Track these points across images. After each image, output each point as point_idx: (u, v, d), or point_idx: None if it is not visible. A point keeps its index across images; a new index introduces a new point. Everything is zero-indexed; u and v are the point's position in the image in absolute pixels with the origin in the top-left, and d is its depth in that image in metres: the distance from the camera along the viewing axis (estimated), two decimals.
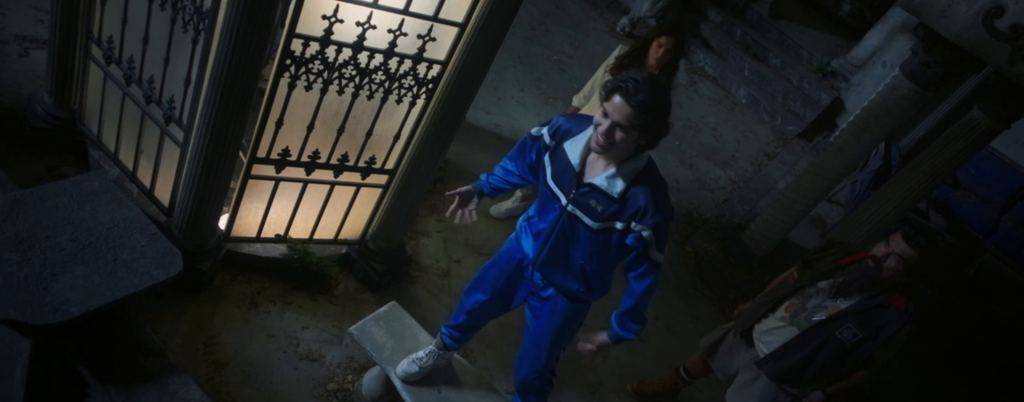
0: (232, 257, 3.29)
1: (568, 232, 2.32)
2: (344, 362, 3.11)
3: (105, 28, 2.96)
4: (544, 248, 2.39)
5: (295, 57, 2.64)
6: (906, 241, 2.70)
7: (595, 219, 2.22)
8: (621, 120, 2.05)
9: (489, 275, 2.61)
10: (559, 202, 2.29)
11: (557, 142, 2.29)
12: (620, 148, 2.12)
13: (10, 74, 3.44)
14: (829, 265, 2.97)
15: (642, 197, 2.16)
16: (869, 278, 2.78)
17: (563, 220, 2.30)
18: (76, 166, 3.28)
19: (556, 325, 2.53)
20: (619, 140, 2.07)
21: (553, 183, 2.29)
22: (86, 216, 1.96)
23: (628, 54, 3.77)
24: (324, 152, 3.05)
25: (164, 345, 2.86)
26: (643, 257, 2.26)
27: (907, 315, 2.78)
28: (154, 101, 2.94)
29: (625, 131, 2.06)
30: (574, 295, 2.48)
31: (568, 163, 2.23)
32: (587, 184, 2.20)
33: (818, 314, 2.93)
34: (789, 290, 3.06)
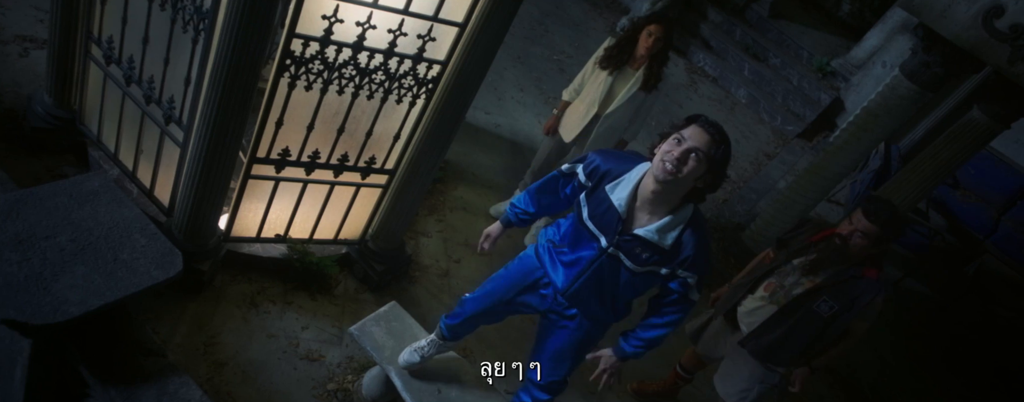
0: (232, 257, 3.28)
1: (606, 271, 2.29)
2: (344, 362, 3.11)
3: (105, 28, 2.96)
4: (576, 282, 2.34)
5: (295, 57, 2.64)
6: (867, 217, 2.79)
7: (639, 264, 2.22)
8: (700, 146, 2.04)
9: (499, 288, 2.56)
10: (598, 242, 2.24)
11: (595, 182, 2.25)
12: (680, 185, 2.10)
13: (10, 74, 3.45)
14: (802, 243, 3.04)
15: (690, 247, 2.16)
16: (837, 254, 2.88)
17: (602, 259, 2.26)
18: (76, 166, 3.28)
19: (579, 340, 2.52)
20: (689, 171, 2.05)
21: (592, 224, 2.25)
22: (86, 216, 1.96)
23: (617, 44, 3.76)
24: (324, 152, 3.05)
25: (164, 345, 2.86)
26: (684, 299, 2.31)
27: (879, 284, 2.88)
28: (154, 101, 2.94)
29: (699, 160, 2.04)
30: (598, 318, 2.48)
31: (610, 206, 2.19)
32: (632, 234, 2.17)
33: (795, 290, 2.99)
34: (766, 270, 3.13)
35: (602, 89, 3.80)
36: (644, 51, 3.68)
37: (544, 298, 2.47)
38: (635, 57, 3.74)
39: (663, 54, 3.73)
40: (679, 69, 7.56)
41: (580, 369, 3.83)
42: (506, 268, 2.58)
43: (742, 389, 3.30)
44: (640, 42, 3.67)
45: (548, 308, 2.48)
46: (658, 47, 3.66)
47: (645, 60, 3.73)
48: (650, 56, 3.70)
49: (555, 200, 2.47)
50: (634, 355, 2.45)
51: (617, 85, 3.80)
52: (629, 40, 3.71)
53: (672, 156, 2.05)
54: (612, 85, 3.79)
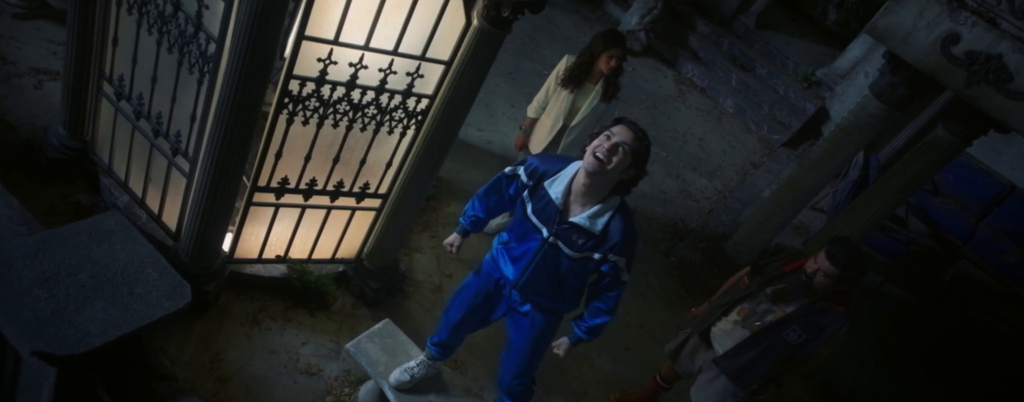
0: (235, 277, 3.50)
1: (549, 259, 2.59)
2: (341, 375, 3.33)
3: (116, 67, 3.17)
4: (525, 272, 2.64)
5: (293, 96, 2.86)
6: (829, 259, 3.01)
7: (575, 250, 2.51)
8: (626, 140, 2.35)
9: (467, 294, 2.86)
10: (541, 234, 2.55)
11: (535, 181, 2.55)
12: (610, 176, 2.38)
13: (25, 106, 3.66)
14: (775, 271, 3.26)
15: (618, 234, 2.46)
16: (803, 289, 3.13)
17: (545, 249, 2.57)
18: (89, 193, 3.50)
19: (535, 337, 2.80)
20: (616, 162, 2.34)
21: (534, 217, 2.55)
22: (104, 253, 2.17)
23: (577, 65, 4.04)
24: (321, 180, 3.27)
25: (173, 362, 3.08)
26: (616, 280, 2.61)
27: (845, 317, 3.13)
28: (162, 135, 3.15)
29: (625, 153, 2.35)
30: (550, 310, 2.75)
31: (550, 200, 2.49)
32: (569, 222, 2.46)
33: (767, 317, 3.22)
34: (741, 295, 3.35)
35: (565, 104, 4.07)
36: (605, 70, 3.93)
37: (505, 298, 2.75)
38: (593, 74, 4.00)
39: (619, 68, 4.00)
40: (668, 80, 7.77)
41: (565, 378, 4.07)
42: (467, 279, 2.89)
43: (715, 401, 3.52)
44: (601, 63, 3.93)
45: (509, 307, 2.76)
46: (618, 66, 3.93)
47: (601, 76, 3.98)
48: (610, 73, 3.96)
49: (501, 200, 2.76)
50: (586, 339, 2.76)
51: (578, 99, 4.07)
52: (587, 61, 3.97)
53: (602, 149, 2.36)
54: (574, 100, 4.07)
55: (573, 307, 2.79)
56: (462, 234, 2.90)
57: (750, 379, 3.32)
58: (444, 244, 2.92)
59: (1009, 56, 3.76)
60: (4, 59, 3.84)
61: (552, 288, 2.68)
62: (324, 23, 2.69)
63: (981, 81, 3.88)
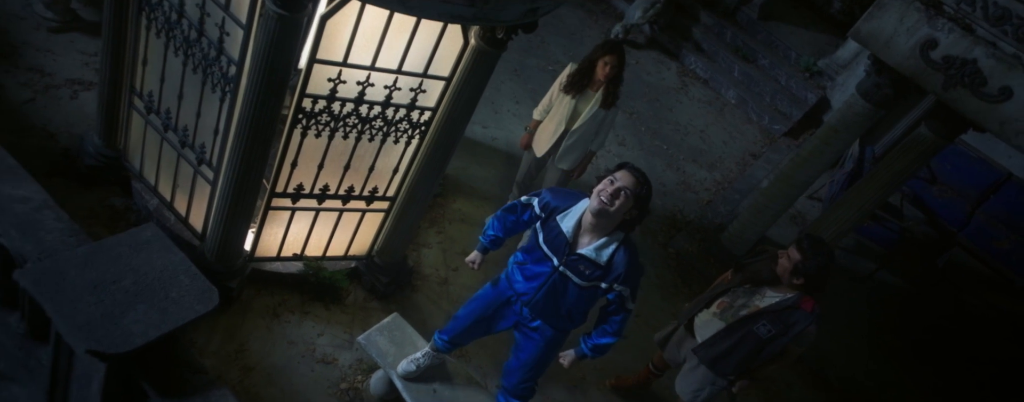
0: (256, 274, 3.81)
1: (558, 285, 2.85)
2: (354, 364, 3.64)
3: (146, 84, 3.45)
4: (537, 293, 2.89)
5: (306, 112, 3.12)
6: (796, 246, 3.31)
7: (583, 279, 2.78)
8: (628, 185, 2.61)
9: (478, 305, 3.12)
10: (552, 262, 2.80)
11: (547, 215, 2.81)
12: (613, 217, 2.63)
13: (63, 116, 3.96)
14: (755, 270, 3.50)
15: (622, 266, 2.72)
16: (768, 270, 3.40)
17: (555, 277, 2.82)
18: (122, 197, 3.81)
19: (543, 349, 3.07)
20: (619, 205, 2.60)
21: (546, 247, 2.81)
22: (142, 262, 2.46)
23: (578, 71, 4.25)
24: (333, 185, 3.55)
25: (201, 353, 3.40)
26: (621, 307, 2.87)
27: (813, 316, 3.36)
28: (188, 146, 3.44)
29: (627, 196, 2.61)
30: (558, 327, 3.02)
31: (560, 232, 2.75)
32: (577, 254, 2.72)
33: (742, 311, 3.47)
34: (722, 289, 3.62)
35: (567, 109, 4.29)
36: (602, 77, 4.15)
37: (515, 313, 3.00)
38: (594, 80, 4.21)
39: (618, 77, 4.20)
40: (671, 72, 7.94)
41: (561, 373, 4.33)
42: (483, 290, 3.10)
43: (695, 389, 3.79)
44: (598, 69, 4.14)
45: (517, 321, 3.02)
46: (614, 73, 4.14)
47: (603, 83, 4.19)
48: (607, 80, 4.17)
49: (517, 223, 3.00)
50: (590, 356, 3.02)
51: (580, 105, 4.29)
52: (587, 68, 4.18)
53: (606, 193, 2.62)
54: (576, 105, 4.28)
55: (580, 324, 3.05)
56: (482, 251, 3.12)
57: (725, 367, 3.59)
58: (466, 261, 3.14)
59: (983, 61, 3.94)
60: (42, 72, 4.13)
61: (560, 310, 2.93)
62: (334, 47, 2.94)
63: (957, 84, 4.07)
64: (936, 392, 5.86)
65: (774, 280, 3.40)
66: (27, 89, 4.00)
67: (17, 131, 3.74)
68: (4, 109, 3.82)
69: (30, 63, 4.15)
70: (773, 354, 3.46)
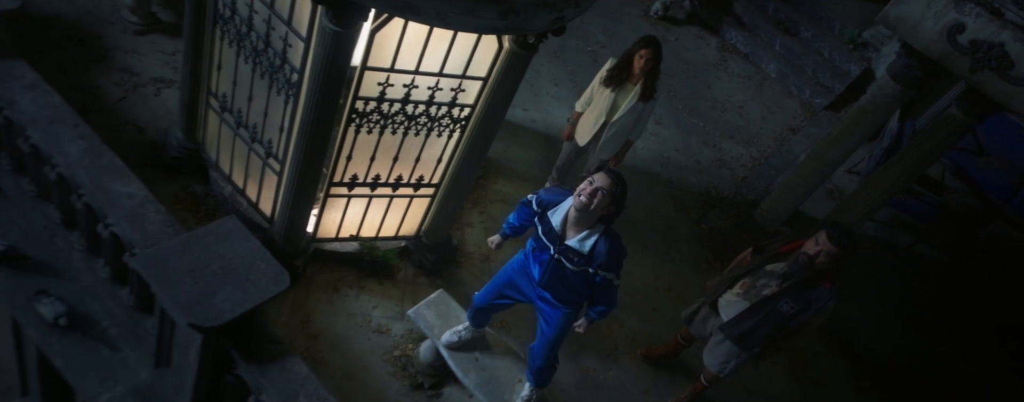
0: (318, 253, 4.27)
1: (558, 269, 3.26)
2: (406, 334, 4.09)
3: (220, 86, 3.90)
4: (544, 274, 3.32)
5: (359, 112, 3.51)
6: (831, 242, 3.46)
7: (574, 265, 3.18)
8: (604, 186, 2.99)
9: (499, 280, 3.53)
10: (549, 251, 3.22)
11: (542, 210, 3.22)
12: (593, 213, 3.01)
13: (149, 112, 4.46)
14: (773, 251, 3.75)
15: (603, 254, 3.10)
16: (805, 269, 3.61)
17: (553, 262, 3.24)
18: (201, 184, 4.31)
19: (562, 327, 3.46)
20: (597, 203, 2.97)
21: (544, 238, 3.23)
22: (227, 249, 2.90)
23: (617, 66, 4.49)
24: (383, 175, 3.95)
25: (274, 323, 3.90)
26: (609, 286, 3.26)
27: (832, 292, 3.63)
28: (257, 141, 3.88)
29: (603, 196, 2.98)
30: (572, 301, 3.41)
31: (551, 226, 3.16)
32: (565, 244, 3.13)
33: (764, 291, 3.73)
34: (743, 271, 3.87)
35: (607, 102, 4.54)
36: (638, 70, 4.38)
37: (531, 286, 3.39)
38: (632, 74, 4.44)
39: (655, 71, 4.42)
40: (710, 48, 8.02)
41: (598, 336, 4.70)
42: (513, 259, 3.53)
43: (722, 361, 4.10)
44: (634, 63, 4.37)
45: (535, 295, 3.41)
46: (650, 66, 4.36)
47: (641, 77, 4.42)
48: (644, 73, 4.39)
49: (528, 217, 3.39)
50: (598, 319, 3.47)
51: (619, 98, 4.53)
52: (626, 62, 4.41)
53: (586, 192, 3.01)
54: (615, 98, 4.53)
55: (587, 298, 3.43)
56: (502, 236, 3.57)
57: (751, 343, 3.88)
58: (487, 241, 3.59)
59: (1011, 44, 4.02)
60: (131, 72, 4.64)
61: (566, 287, 3.34)
62: (382, 55, 3.30)
63: (984, 68, 4.16)
64: (966, 362, 6.00)
65: (809, 271, 3.60)
66: (119, 88, 4.52)
67: (113, 127, 4.26)
68: (102, 108, 4.34)
69: (121, 64, 4.67)
70: (795, 328, 3.74)
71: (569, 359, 4.47)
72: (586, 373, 4.51)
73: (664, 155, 6.39)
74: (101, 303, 3.41)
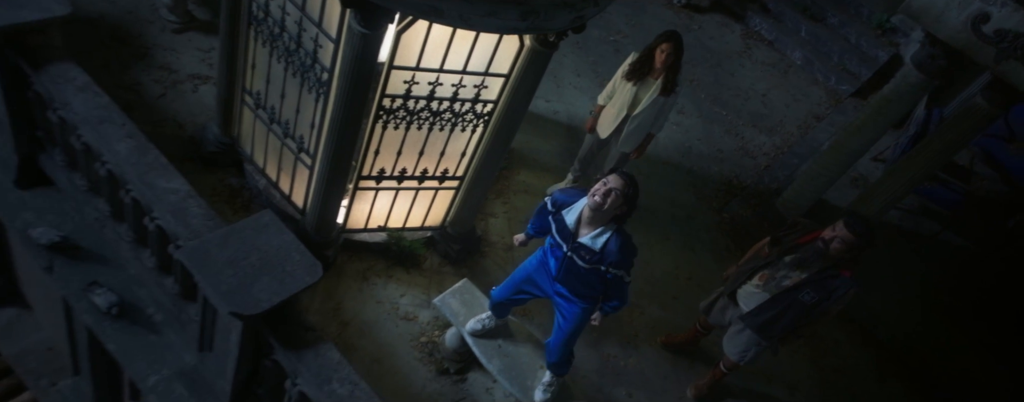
0: (348, 243, 4.45)
1: (572, 266, 3.39)
2: (432, 321, 4.26)
3: (254, 84, 4.07)
4: (560, 271, 3.45)
5: (386, 109, 3.66)
6: (847, 228, 3.53)
7: (586, 262, 3.30)
8: (617, 187, 3.12)
9: (517, 277, 3.66)
10: (562, 249, 3.35)
11: (557, 210, 3.34)
12: (606, 212, 3.14)
13: (188, 107, 4.67)
14: (791, 243, 3.82)
15: (614, 253, 3.23)
16: (820, 255, 3.67)
17: (567, 260, 3.37)
18: (237, 177, 4.50)
19: (578, 321, 3.59)
20: (610, 203, 3.10)
21: (558, 236, 3.36)
22: (264, 242, 3.08)
23: (639, 60, 4.56)
24: (410, 168, 4.10)
25: (306, 310, 4.09)
26: (620, 282, 3.38)
27: (851, 281, 3.68)
28: (289, 136, 4.05)
29: (616, 196, 3.10)
30: (587, 296, 3.53)
31: (565, 225, 3.29)
32: (578, 242, 3.26)
33: (784, 282, 3.81)
34: (762, 263, 3.93)
35: (629, 96, 4.62)
36: (659, 64, 4.44)
37: (549, 282, 3.51)
38: (654, 69, 4.51)
39: (676, 65, 4.48)
40: (734, 35, 8.00)
41: (618, 324, 4.82)
42: (530, 258, 3.66)
43: (742, 350, 4.19)
44: (656, 57, 4.43)
45: (552, 291, 3.53)
46: (671, 60, 4.42)
47: (662, 71, 4.49)
48: (665, 67, 4.46)
49: (545, 219, 3.50)
50: (612, 313, 3.57)
51: (641, 92, 4.60)
52: (647, 56, 4.48)
53: (600, 193, 3.13)
54: (637, 92, 4.60)
55: (601, 293, 3.55)
56: (527, 236, 3.72)
57: (772, 332, 3.96)
58: (513, 239, 3.76)
59: None
60: (170, 69, 4.86)
61: (581, 283, 3.46)
62: (408, 55, 3.43)
63: (1009, 57, 4.15)
64: (989, 349, 5.99)
65: (825, 258, 3.67)
66: (159, 85, 4.74)
67: (154, 123, 4.48)
68: (143, 104, 4.56)
69: (160, 62, 4.88)
70: (815, 317, 3.81)
71: (590, 346, 4.60)
72: (607, 360, 4.65)
73: (686, 144, 6.44)
74: (147, 291, 3.64)
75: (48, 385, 5.37)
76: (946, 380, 5.63)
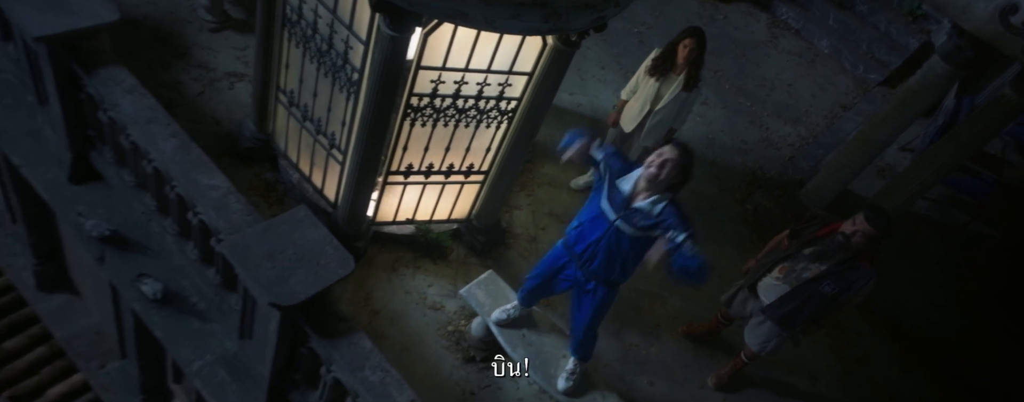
0: (377, 235, 4.62)
1: (613, 240, 3.38)
2: (458, 311, 4.42)
3: (288, 83, 4.24)
4: (596, 248, 3.42)
5: (413, 107, 3.80)
6: (868, 222, 3.58)
7: (636, 229, 3.28)
8: (673, 157, 3.16)
9: (542, 271, 3.75)
10: (608, 219, 3.34)
11: (614, 175, 3.32)
12: (662, 182, 3.19)
13: (225, 105, 4.87)
14: (810, 235, 3.89)
15: (671, 217, 3.20)
16: (840, 248, 3.74)
17: (611, 232, 3.36)
18: (272, 171, 4.69)
19: (598, 307, 3.66)
20: (665, 174, 3.15)
21: (606, 203, 3.33)
22: (299, 237, 3.25)
23: (661, 55, 4.62)
24: (437, 163, 4.24)
25: (338, 300, 4.28)
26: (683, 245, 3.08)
27: (871, 272, 3.74)
28: (321, 133, 4.22)
29: (671, 167, 3.15)
30: (613, 282, 3.58)
31: (619, 192, 3.29)
32: (633, 208, 3.26)
33: (805, 274, 3.88)
34: (782, 256, 4.00)
35: (651, 91, 4.69)
36: (682, 60, 4.50)
37: (570, 278, 3.62)
38: (676, 65, 4.57)
39: (699, 60, 4.53)
40: (760, 24, 7.96)
41: (640, 313, 4.92)
42: (546, 256, 3.74)
43: (763, 341, 4.27)
44: (678, 53, 4.50)
45: (573, 285, 3.62)
46: (693, 56, 4.48)
47: (685, 67, 4.55)
48: (688, 63, 4.52)
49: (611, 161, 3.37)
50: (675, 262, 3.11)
51: (663, 87, 4.67)
52: (670, 52, 4.54)
53: (656, 164, 3.17)
54: (659, 88, 4.67)
55: (629, 277, 3.60)
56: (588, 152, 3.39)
57: (793, 323, 4.05)
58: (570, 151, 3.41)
59: None
60: (207, 67, 5.06)
61: (614, 262, 3.47)
62: (434, 56, 3.56)
63: None
64: (1015, 340, 5.97)
65: (846, 250, 3.73)
66: (198, 84, 4.95)
67: (193, 120, 4.69)
68: (184, 102, 4.78)
69: (198, 61, 5.09)
70: (835, 307, 3.88)
71: (613, 336, 4.73)
72: (629, 349, 4.76)
73: (709, 136, 6.48)
74: (190, 281, 3.85)
75: (97, 367, 5.68)
76: (971, 373, 5.63)
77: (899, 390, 5.35)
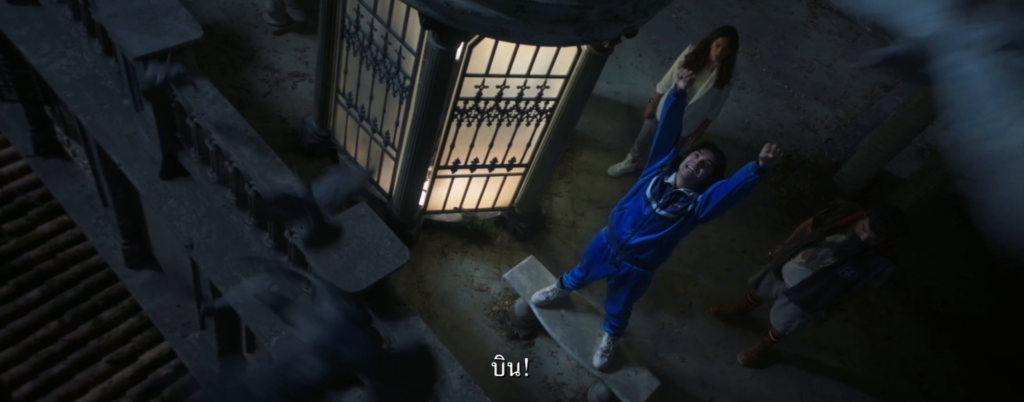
0: (428, 223, 5.05)
1: (654, 224, 3.69)
2: (503, 293, 4.83)
3: (346, 86, 4.65)
4: (637, 234, 3.74)
5: (459, 109, 4.16)
6: (873, 229, 3.82)
7: (671, 212, 3.59)
8: (708, 158, 3.50)
9: (587, 261, 4.09)
10: (651, 207, 3.65)
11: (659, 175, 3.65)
12: (698, 180, 3.54)
13: (289, 104, 5.33)
14: (833, 223, 4.14)
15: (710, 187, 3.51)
16: (859, 247, 3.99)
17: (652, 217, 3.67)
18: (333, 165, 5.15)
19: (635, 289, 4.00)
20: (702, 173, 3.50)
21: (650, 193, 3.65)
22: (361, 230, 3.69)
23: (694, 53, 4.84)
24: (481, 158, 4.61)
25: (394, 282, 4.72)
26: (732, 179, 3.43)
27: (888, 260, 4.01)
28: (377, 131, 4.63)
29: (707, 167, 3.49)
30: (651, 265, 3.90)
31: (666, 182, 3.61)
32: (677, 190, 3.58)
33: (826, 261, 4.14)
34: (806, 242, 4.27)
35: None
36: (715, 57, 4.72)
37: (608, 265, 3.95)
38: (709, 61, 4.79)
39: (731, 58, 4.74)
40: (800, 5, 7.98)
41: (673, 294, 5.23)
42: (590, 244, 4.07)
43: (787, 321, 4.56)
44: (711, 51, 4.71)
45: (610, 273, 3.96)
46: (725, 54, 4.69)
47: (717, 64, 4.77)
48: (720, 61, 4.74)
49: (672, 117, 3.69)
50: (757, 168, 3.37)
51: (696, 83, 4.90)
52: (703, 49, 4.76)
53: (692, 164, 3.50)
54: (692, 83, 4.89)
55: (666, 260, 3.91)
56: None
57: (814, 306, 4.33)
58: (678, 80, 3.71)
59: None
60: (273, 68, 5.52)
61: (654, 245, 3.78)
62: (478, 63, 3.91)
63: None
64: None
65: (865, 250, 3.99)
66: (264, 84, 5.41)
67: (262, 118, 5.16)
68: (253, 102, 5.25)
69: (265, 62, 5.54)
70: (855, 292, 4.15)
71: (646, 314, 5.07)
72: (662, 327, 5.11)
73: (745, 120, 6.65)
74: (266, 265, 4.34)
75: (181, 336, 6.36)
76: (1002, 353, 5.72)
77: (928, 367, 5.52)
